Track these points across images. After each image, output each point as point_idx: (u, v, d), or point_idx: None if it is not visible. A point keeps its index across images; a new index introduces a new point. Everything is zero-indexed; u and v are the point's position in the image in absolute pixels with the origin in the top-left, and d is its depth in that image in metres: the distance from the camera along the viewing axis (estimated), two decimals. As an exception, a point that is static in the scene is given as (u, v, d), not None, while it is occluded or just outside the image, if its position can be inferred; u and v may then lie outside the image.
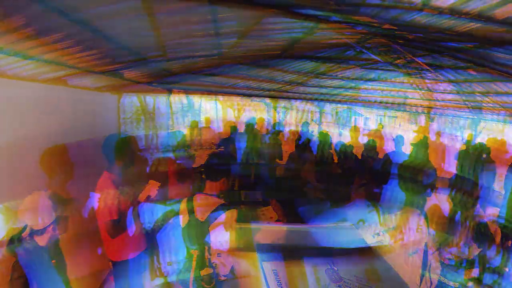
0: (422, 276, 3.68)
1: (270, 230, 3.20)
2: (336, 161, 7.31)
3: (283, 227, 3.27)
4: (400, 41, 5.71)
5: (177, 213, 3.00)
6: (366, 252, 3.05)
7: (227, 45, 5.71)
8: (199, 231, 2.98)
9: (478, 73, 7.90)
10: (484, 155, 7.81)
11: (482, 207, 5.77)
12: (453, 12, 3.93)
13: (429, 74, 9.16)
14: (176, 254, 2.97)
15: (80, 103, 6.20)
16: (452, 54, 6.70)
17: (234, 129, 10.22)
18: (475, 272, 3.66)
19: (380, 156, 7.11)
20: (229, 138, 9.22)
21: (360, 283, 2.72)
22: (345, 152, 8.00)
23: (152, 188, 3.50)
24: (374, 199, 3.66)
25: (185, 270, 2.82)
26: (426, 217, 4.19)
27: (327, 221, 3.22)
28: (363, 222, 3.23)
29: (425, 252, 3.76)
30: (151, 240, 2.98)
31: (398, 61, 6.69)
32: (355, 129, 8.04)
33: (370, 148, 7.50)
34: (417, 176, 4.19)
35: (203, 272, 2.71)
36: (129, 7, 3.46)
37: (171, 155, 7.03)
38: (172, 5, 3.66)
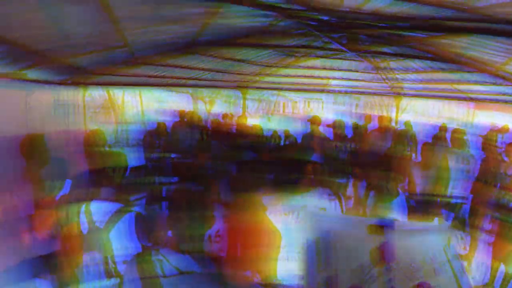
0: None
1: None
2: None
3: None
4: (365, 32, 5.67)
5: (129, 210, 2.90)
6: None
7: (192, 34, 5.60)
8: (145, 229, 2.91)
9: (445, 64, 7.93)
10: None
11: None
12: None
13: (397, 65, 9.19)
14: (131, 252, 2.87)
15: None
16: (417, 45, 6.70)
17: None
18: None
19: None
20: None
21: (405, 270, 2.64)
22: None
23: None
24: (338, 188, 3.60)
25: (131, 269, 2.74)
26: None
27: (290, 208, 3.14)
28: (324, 210, 3.15)
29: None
30: (103, 238, 2.86)
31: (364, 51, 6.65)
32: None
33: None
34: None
35: (148, 269, 2.62)
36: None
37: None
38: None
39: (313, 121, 7.95)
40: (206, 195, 3.60)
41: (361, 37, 6.15)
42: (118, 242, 2.88)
